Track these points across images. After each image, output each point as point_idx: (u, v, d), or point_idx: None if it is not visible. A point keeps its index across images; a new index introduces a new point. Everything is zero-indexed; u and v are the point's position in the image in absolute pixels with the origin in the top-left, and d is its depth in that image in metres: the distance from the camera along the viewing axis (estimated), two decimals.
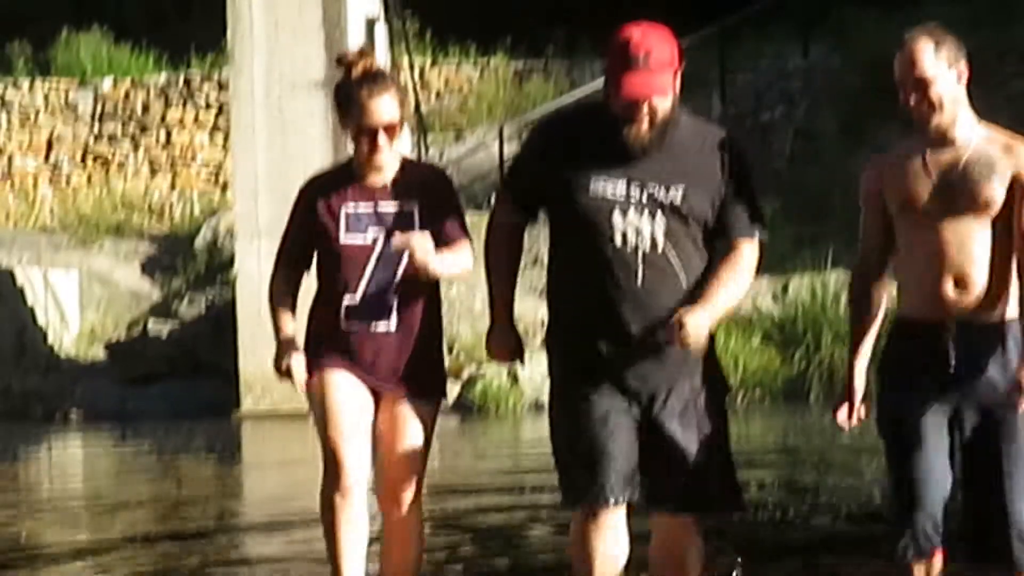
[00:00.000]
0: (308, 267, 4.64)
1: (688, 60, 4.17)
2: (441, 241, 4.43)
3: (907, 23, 4.63)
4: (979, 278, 4.13)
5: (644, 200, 4.09)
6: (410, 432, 4.49)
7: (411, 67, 20.31)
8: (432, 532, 7.03)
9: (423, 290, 4.50)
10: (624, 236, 4.08)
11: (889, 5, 20.17)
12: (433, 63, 22.71)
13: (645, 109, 4.05)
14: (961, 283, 4.14)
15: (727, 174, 4.17)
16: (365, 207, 4.48)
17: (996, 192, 4.12)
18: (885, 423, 4.29)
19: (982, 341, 4.15)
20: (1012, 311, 4.19)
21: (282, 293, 4.61)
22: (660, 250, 4.09)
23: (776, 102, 20.91)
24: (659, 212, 4.08)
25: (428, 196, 4.51)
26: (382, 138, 4.42)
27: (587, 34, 20.42)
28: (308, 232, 4.54)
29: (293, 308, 4.61)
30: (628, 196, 4.09)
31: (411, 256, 4.31)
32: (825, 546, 6.31)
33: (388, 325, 4.44)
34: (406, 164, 4.57)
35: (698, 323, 4.01)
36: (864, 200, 4.37)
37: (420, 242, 4.32)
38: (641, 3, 7.47)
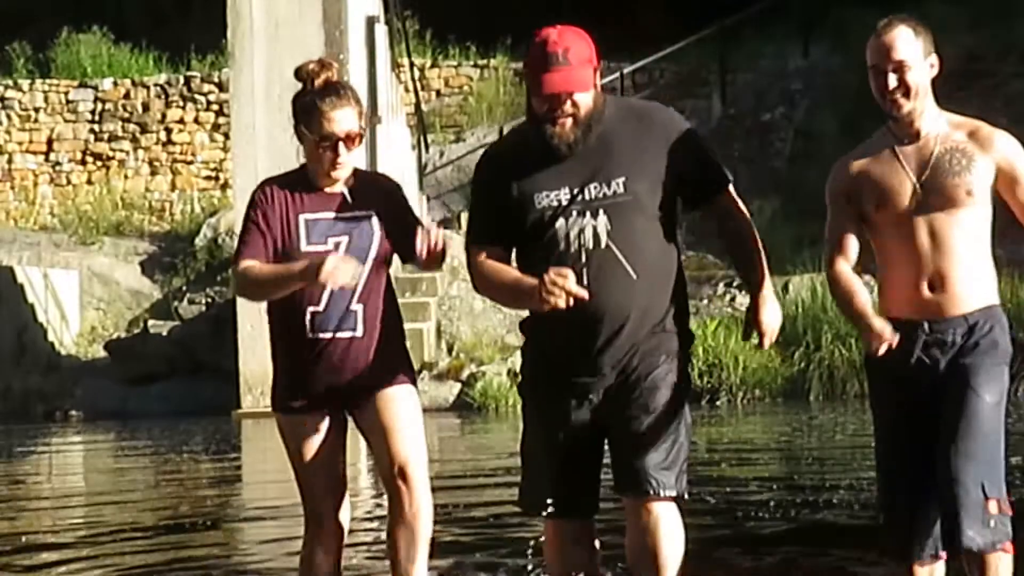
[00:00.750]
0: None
1: (688, 60, 4.19)
2: (404, 245, 4.45)
3: None
4: (955, 276, 4.15)
5: (586, 201, 4.13)
6: (400, 410, 4.48)
7: (411, 67, 20.32)
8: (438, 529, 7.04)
9: (383, 292, 4.52)
10: (567, 239, 4.12)
11: (889, 5, 20.17)
12: (433, 63, 22.73)
13: (568, 106, 4.09)
14: (937, 284, 4.15)
15: (669, 146, 4.18)
16: (324, 215, 4.47)
17: (975, 184, 4.13)
18: (876, 426, 4.34)
19: (950, 334, 4.16)
20: (986, 300, 4.20)
21: (259, 264, 4.47)
22: (603, 245, 4.11)
23: (776, 102, 20.92)
24: (601, 210, 4.12)
25: (385, 203, 4.53)
26: (342, 148, 4.42)
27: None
28: (265, 234, 4.47)
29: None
30: (572, 201, 4.13)
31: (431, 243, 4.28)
32: (831, 542, 6.32)
33: (354, 331, 4.45)
34: (359, 173, 4.58)
35: (773, 313, 4.20)
36: (832, 199, 4.32)
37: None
38: (641, 3, 7.48)
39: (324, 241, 4.42)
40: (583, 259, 4.10)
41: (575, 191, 4.13)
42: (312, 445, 4.51)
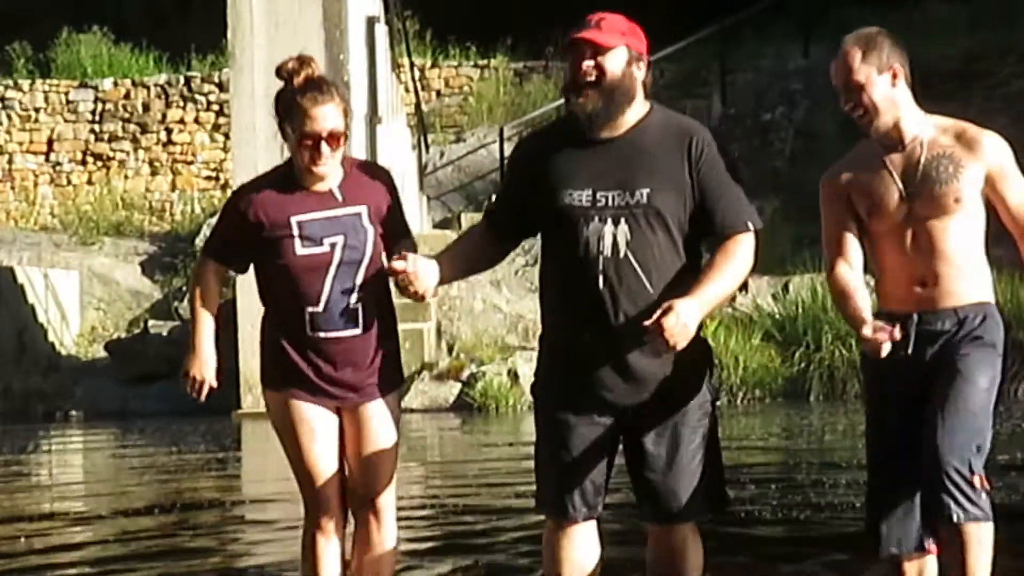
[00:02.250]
0: (240, 272, 4.60)
1: (688, 60, 4.18)
2: (388, 237, 4.43)
3: (907, 23, 4.65)
4: (947, 275, 4.17)
5: (608, 207, 4.08)
6: (379, 437, 4.47)
7: (411, 67, 20.31)
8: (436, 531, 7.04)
9: (380, 288, 4.47)
10: (587, 244, 4.08)
11: (889, 5, 20.17)
12: (433, 63, 22.73)
13: (591, 64, 4.06)
14: (928, 282, 4.18)
15: (700, 169, 4.11)
16: (317, 214, 4.40)
17: (963, 191, 4.15)
18: (868, 418, 4.35)
19: (940, 324, 4.18)
20: (979, 296, 4.20)
21: (211, 291, 4.54)
22: (622, 255, 4.06)
23: (776, 102, 20.91)
24: (622, 218, 4.07)
25: (375, 196, 4.47)
26: (325, 147, 4.34)
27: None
28: (245, 240, 4.43)
29: (215, 308, 4.57)
30: (594, 203, 4.09)
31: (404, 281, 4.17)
32: (831, 542, 6.32)
33: (355, 329, 4.41)
34: (349, 165, 4.49)
35: (685, 315, 3.90)
36: (827, 205, 4.35)
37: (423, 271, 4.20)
38: (641, 3, 7.48)
39: (319, 242, 4.36)
40: (600, 266, 4.06)
41: (598, 195, 4.09)
42: (307, 427, 4.46)
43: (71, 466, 12.31)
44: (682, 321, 3.90)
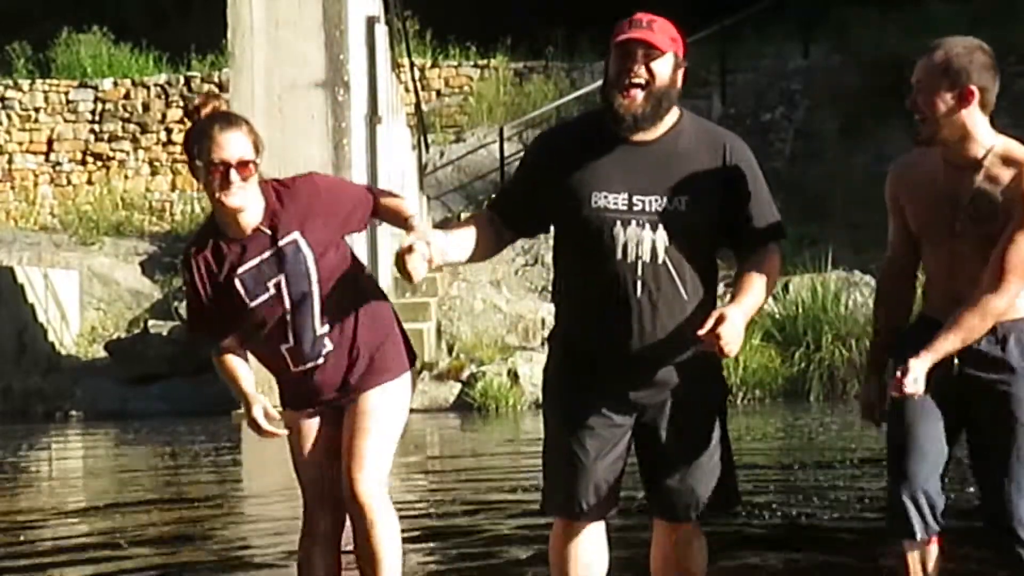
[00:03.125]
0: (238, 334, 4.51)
1: (688, 60, 4.16)
2: (333, 250, 4.40)
3: (907, 23, 4.66)
4: None
5: (646, 212, 4.03)
6: (361, 434, 4.44)
7: (411, 67, 20.31)
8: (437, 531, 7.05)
9: (346, 293, 4.43)
10: (624, 248, 4.01)
11: (889, 5, 20.17)
12: (433, 63, 22.73)
13: (642, 68, 4.00)
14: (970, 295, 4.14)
15: (734, 178, 4.10)
16: (253, 262, 4.35)
17: (1001, 226, 4.07)
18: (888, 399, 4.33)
19: (983, 341, 4.16)
20: (1017, 312, 4.19)
21: (236, 362, 4.51)
22: (660, 261, 4.02)
23: (776, 102, 20.93)
24: (660, 225, 4.02)
25: (303, 212, 4.37)
26: (234, 174, 4.25)
27: (587, 34, 20.43)
28: (213, 307, 4.41)
29: (245, 360, 4.53)
30: (630, 208, 4.03)
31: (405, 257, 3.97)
32: (831, 542, 6.32)
33: (327, 350, 4.41)
34: (268, 191, 4.39)
35: (739, 323, 3.92)
36: (888, 202, 4.37)
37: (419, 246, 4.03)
38: (641, 3, 7.47)
39: (265, 289, 4.33)
40: (639, 271, 4.00)
41: (635, 199, 4.03)
42: (310, 439, 4.51)
43: (71, 464, 12.30)
44: (737, 329, 3.92)
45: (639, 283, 4.01)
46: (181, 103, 21.86)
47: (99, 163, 21.82)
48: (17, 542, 6.98)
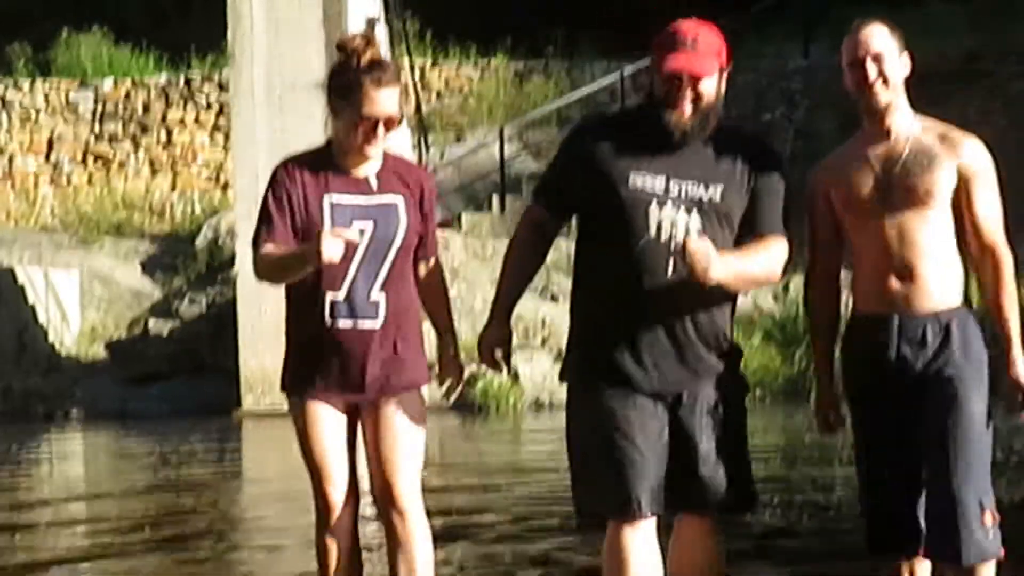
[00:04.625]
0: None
1: None
2: (417, 238, 4.41)
3: (907, 23, 4.66)
4: (923, 269, 4.19)
5: (682, 196, 4.09)
6: (399, 434, 4.41)
7: (411, 67, 20.32)
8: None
9: (407, 282, 4.43)
10: (659, 227, 4.06)
11: (889, 5, 20.14)
12: (433, 63, 22.72)
13: (688, 91, 4.06)
14: (906, 276, 4.19)
15: (759, 176, 4.19)
16: (350, 199, 4.33)
17: (936, 184, 4.17)
18: (853, 424, 4.39)
19: (925, 331, 4.18)
20: (955, 299, 4.22)
21: (274, 247, 4.31)
22: None
23: (776, 102, 20.93)
24: (695, 209, 4.08)
25: (412, 191, 4.42)
26: (381, 131, 4.29)
27: (587, 34, 20.44)
28: (289, 217, 4.32)
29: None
30: (667, 191, 4.09)
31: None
32: (831, 543, 6.33)
33: (375, 322, 4.34)
34: (389, 157, 4.44)
35: (711, 248, 3.92)
36: (809, 203, 4.47)
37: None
38: (641, 3, 7.48)
39: (349, 225, 4.26)
40: (671, 251, 4.04)
41: (671, 182, 4.09)
42: (323, 427, 4.40)
43: (70, 463, 12.31)
44: (705, 247, 3.91)
45: (670, 262, 4.05)
46: (181, 103, 21.86)
47: (99, 163, 21.82)
48: (14, 545, 6.97)
